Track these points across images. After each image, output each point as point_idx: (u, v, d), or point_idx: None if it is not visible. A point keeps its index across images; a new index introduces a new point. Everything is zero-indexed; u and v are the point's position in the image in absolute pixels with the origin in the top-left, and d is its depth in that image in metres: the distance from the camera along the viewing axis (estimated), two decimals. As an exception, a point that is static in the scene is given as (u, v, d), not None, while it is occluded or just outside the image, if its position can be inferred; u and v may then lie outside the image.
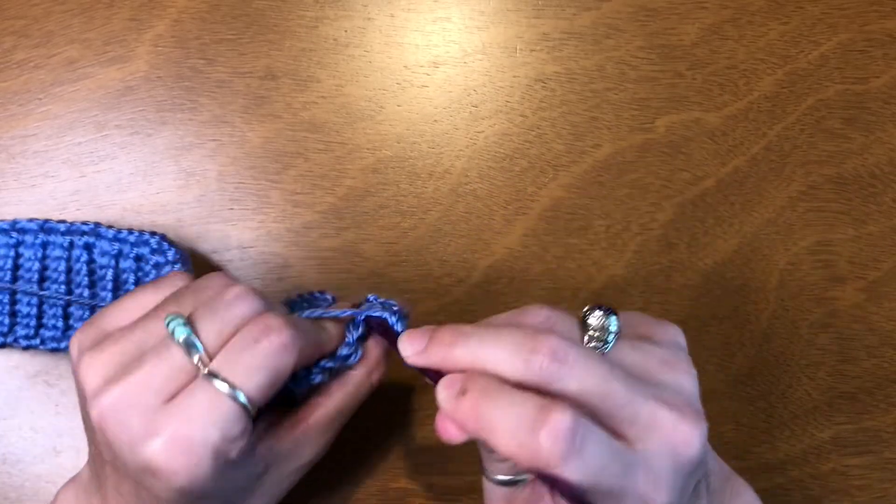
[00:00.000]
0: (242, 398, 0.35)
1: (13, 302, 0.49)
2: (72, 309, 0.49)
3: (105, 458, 0.37)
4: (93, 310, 0.49)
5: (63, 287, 0.49)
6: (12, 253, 0.49)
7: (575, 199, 0.53)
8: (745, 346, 0.53)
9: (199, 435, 0.34)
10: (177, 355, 0.35)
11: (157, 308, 0.38)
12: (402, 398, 0.51)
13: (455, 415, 0.34)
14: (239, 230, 0.52)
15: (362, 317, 0.42)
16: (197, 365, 0.35)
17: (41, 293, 0.48)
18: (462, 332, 0.36)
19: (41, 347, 0.49)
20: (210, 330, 0.36)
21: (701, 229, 0.54)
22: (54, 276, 0.49)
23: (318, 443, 0.41)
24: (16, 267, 0.49)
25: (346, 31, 0.54)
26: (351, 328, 0.42)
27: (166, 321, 0.36)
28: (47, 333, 0.49)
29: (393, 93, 0.53)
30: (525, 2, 0.54)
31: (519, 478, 0.39)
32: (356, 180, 0.53)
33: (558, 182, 0.53)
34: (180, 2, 0.53)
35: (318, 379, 0.41)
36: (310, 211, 0.52)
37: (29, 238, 0.49)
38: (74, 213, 0.51)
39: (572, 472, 0.32)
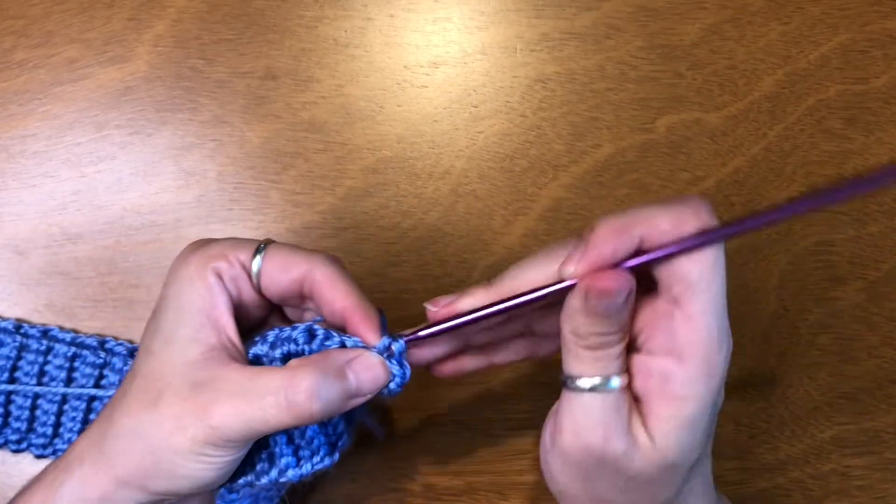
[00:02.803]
0: (258, 256, 0.39)
1: (8, 402, 0.50)
2: (63, 419, 0.50)
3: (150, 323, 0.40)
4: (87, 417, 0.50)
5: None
6: (14, 354, 0.50)
7: (575, 199, 0.53)
8: (745, 346, 0.53)
9: (213, 240, 0.40)
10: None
11: None
12: (402, 398, 0.51)
13: (597, 250, 0.35)
14: (239, 230, 0.52)
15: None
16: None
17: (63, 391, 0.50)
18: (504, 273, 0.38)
19: (30, 451, 0.50)
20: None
21: (701, 229, 0.54)
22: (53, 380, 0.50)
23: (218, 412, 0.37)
24: (13, 368, 0.49)
25: (345, 31, 0.54)
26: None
27: None
28: (36, 440, 0.50)
29: (393, 93, 0.53)
30: (525, 2, 0.54)
31: (607, 381, 0.36)
32: (356, 180, 0.53)
33: (558, 182, 0.53)
34: (180, 2, 0.53)
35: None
36: (310, 211, 0.52)
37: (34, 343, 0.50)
38: (74, 213, 0.51)
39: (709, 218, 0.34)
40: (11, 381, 0.49)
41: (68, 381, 0.49)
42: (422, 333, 0.38)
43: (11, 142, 0.52)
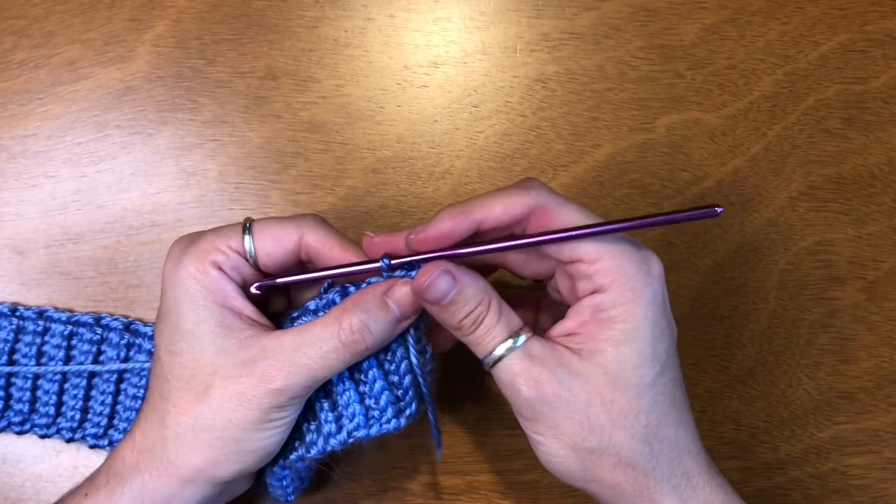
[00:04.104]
0: (247, 236, 0.41)
1: (8, 385, 0.50)
2: (65, 398, 0.50)
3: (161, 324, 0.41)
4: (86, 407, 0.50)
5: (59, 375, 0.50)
6: (11, 337, 0.50)
7: (575, 198, 0.53)
8: (745, 346, 0.53)
9: (200, 233, 0.42)
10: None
11: None
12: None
13: (436, 227, 0.40)
14: (239, 230, 0.52)
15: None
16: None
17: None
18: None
19: (34, 432, 0.50)
20: None
21: (701, 229, 0.54)
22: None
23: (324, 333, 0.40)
24: (12, 351, 0.50)
25: (346, 31, 0.54)
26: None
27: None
28: (39, 420, 0.49)
29: (393, 93, 0.54)
30: (525, 2, 0.55)
31: (515, 338, 0.39)
32: (356, 180, 0.53)
33: (558, 182, 0.53)
34: (180, 2, 0.53)
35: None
36: (310, 210, 0.52)
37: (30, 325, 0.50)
38: (75, 212, 0.51)
39: (565, 203, 0.40)
40: (10, 363, 0.49)
41: (66, 360, 0.49)
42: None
43: (12, 142, 0.52)
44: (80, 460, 0.50)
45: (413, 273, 0.41)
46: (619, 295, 0.38)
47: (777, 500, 0.52)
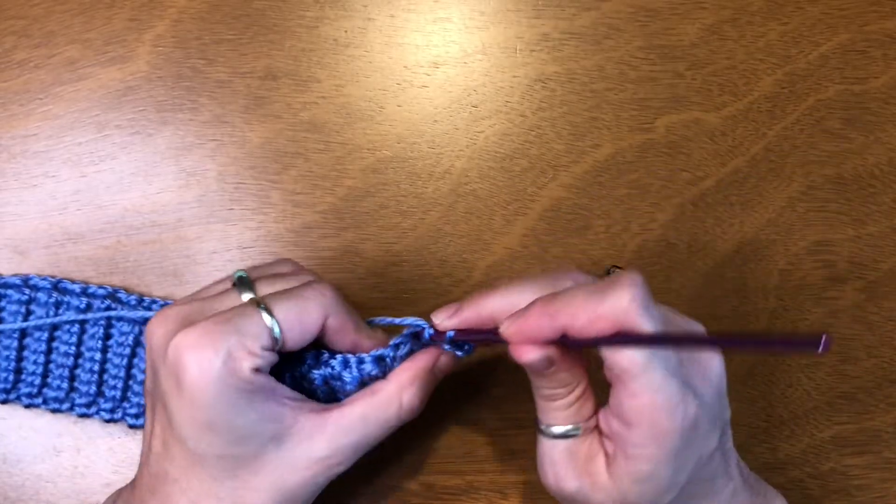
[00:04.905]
0: (268, 318, 0.38)
1: (20, 359, 0.49)
2: (78, 371, 0.49)
3: (155, 396, 0.40)
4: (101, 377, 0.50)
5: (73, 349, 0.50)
6: (23, 309, 0.49)
7: (575, 199, 0.54)
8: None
9: (220, 332, 0.37)
10: (233, 295, 0.40)
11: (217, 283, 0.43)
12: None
13: (526, 324, 0.38)
14: (239, 230, 0.52)
15: (409, 332, 0.43)
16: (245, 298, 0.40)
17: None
18: (490, 287, 0.41)
19: (43, 407, 0.50)
20: (265, 284, 0.41)
21: (701, 229, 0.54)
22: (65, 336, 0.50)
23: (333, 441, 0.40)
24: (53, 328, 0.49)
25: (346, 31, 0.54)
26: (395, 341, 0.43)
27: (233, 278, 0.41)
28: (51, 393, 0.49)
29: (393, 93, 0.54)
30: (525, 2, 0.55)
31: (574, 429, 0.40)
32: (356, 180, 0.53)
33: (558, 182, 0.53)
34: (180, 2, 0.53)
35: (349, 375, 0.42)
36: (310, 211, 0.52)
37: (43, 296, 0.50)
38: (75, 212, 0.51)
39: (647, 322, 0.35)
40: (23, 334, 0.49)
41: (80, 335, 0.49)
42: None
43: (12, 142, 0.52)
44: (81, 460, 0.50)
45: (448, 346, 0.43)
46: (643, 438, 0.37)
47: (777, 500, 0.52)
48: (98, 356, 0.49)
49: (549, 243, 0.53)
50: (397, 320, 0.43)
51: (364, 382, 0.42)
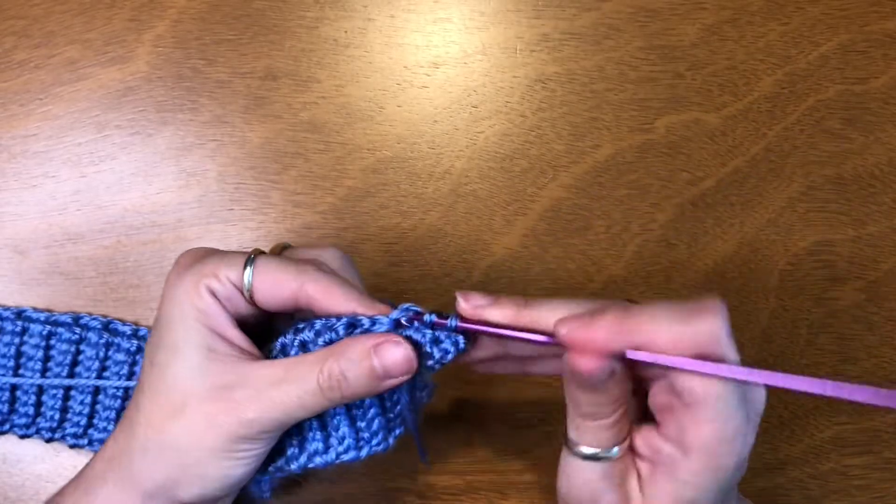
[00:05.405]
0: (248, 269, 0.39)
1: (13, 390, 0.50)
2: (70, 403, 0.50)
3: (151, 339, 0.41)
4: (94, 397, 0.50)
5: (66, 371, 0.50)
6: (17, 341, 0.49)
7: (575, 199, 0.54)
8: (745, 346, 0.53)
9: (203, 261, 0.40)
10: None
11: None
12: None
13: (597, 333, 0.35)
14: (239, 230, 0.52)
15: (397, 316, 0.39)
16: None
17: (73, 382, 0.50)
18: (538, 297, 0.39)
19: (36, 437, 0.50)
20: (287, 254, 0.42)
21: (701, 229, 0.54)
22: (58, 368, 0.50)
23: (253, 389, 0.38)
24: (18, 355, 0.49)
25: (346, 31, 0.54)
26: (377, 317, 0.39)
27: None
28: (44, 424, 0.50)
29: (393, 93, 0.54)
30: (525, 2, 0.55)
31: (606, 453, 0.38)
32: (356, 180, 0.53)
33: (558, 182, 0.53)
34: (180, 2, 0.53)
35: (322, 340, 0.39)
36: (310, 211, 0.52)
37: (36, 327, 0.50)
38: (75, 212, 0.51)
39: (732, 352, 0.35)
40: (17, 367, 0.49)
41: (45, 360, 0.49)
42: (441, 322, 0.39)
43: (12, 142, 0.52)
44: (81, 460, 0.50)
45: (428, 332, 0.38)
46: (701, 467, 0.36)
47: (777, 500, 0.52)
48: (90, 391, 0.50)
49: (549, 243, 0.53)
50: (421, 309, 0.39)
51: None
